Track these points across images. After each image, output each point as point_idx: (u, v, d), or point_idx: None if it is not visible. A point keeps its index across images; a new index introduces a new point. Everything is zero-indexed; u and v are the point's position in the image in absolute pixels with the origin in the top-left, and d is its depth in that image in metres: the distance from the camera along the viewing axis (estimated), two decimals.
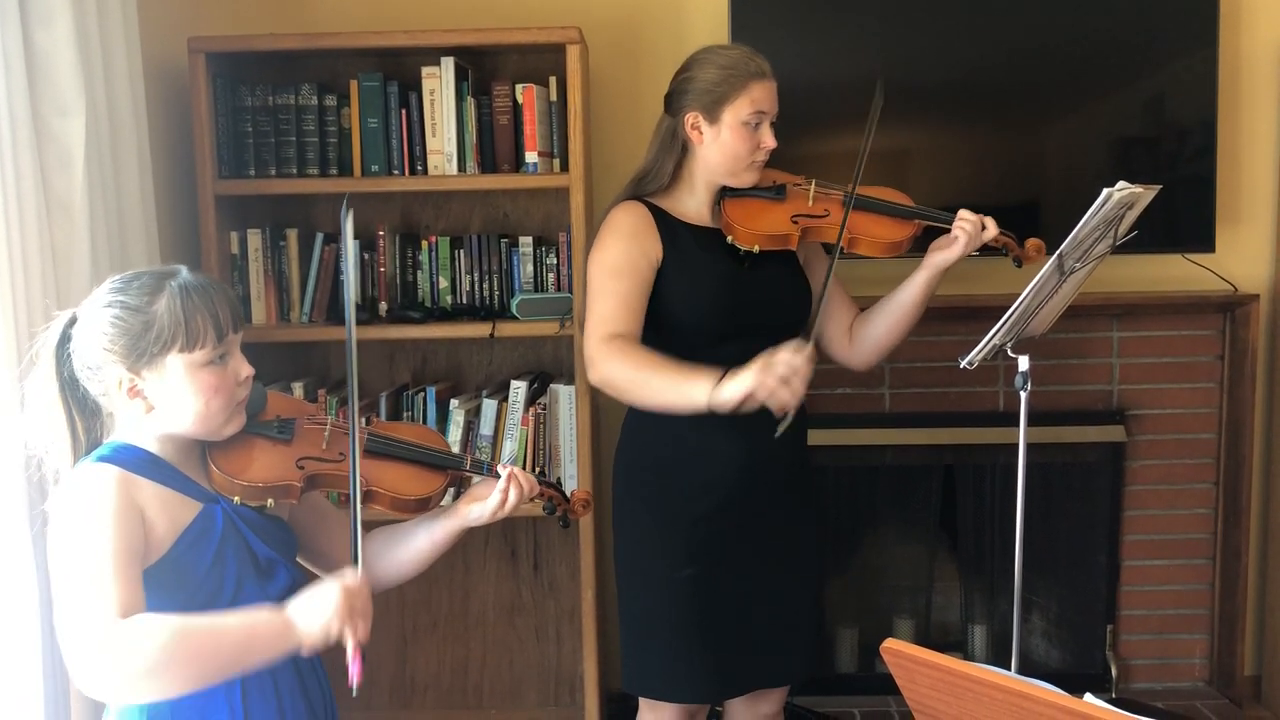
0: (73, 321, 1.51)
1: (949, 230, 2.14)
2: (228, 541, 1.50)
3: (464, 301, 2.92)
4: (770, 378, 1.82)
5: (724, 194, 2.15)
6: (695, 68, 2.11)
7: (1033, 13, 2.95)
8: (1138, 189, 2.07)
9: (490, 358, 3.09)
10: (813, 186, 2.18)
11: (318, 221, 3.00)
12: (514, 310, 2.82)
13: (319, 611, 1.42)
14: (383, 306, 2.88)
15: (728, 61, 2.09)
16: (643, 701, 2.22)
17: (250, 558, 1.53)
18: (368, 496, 1.61)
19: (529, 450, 2.82)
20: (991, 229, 2.13)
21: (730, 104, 2.07)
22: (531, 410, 2.82)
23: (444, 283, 2.92)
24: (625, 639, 2.21)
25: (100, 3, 2.24)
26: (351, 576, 1.47)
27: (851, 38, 2.98)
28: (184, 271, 1.51)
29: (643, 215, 2.11)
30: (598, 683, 2.89)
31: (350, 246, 1.56)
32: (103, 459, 1.46)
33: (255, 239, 2.85)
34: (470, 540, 1.97)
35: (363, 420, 1.63)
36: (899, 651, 1.26)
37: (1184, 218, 2.98)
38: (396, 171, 2.80)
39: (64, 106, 2.12)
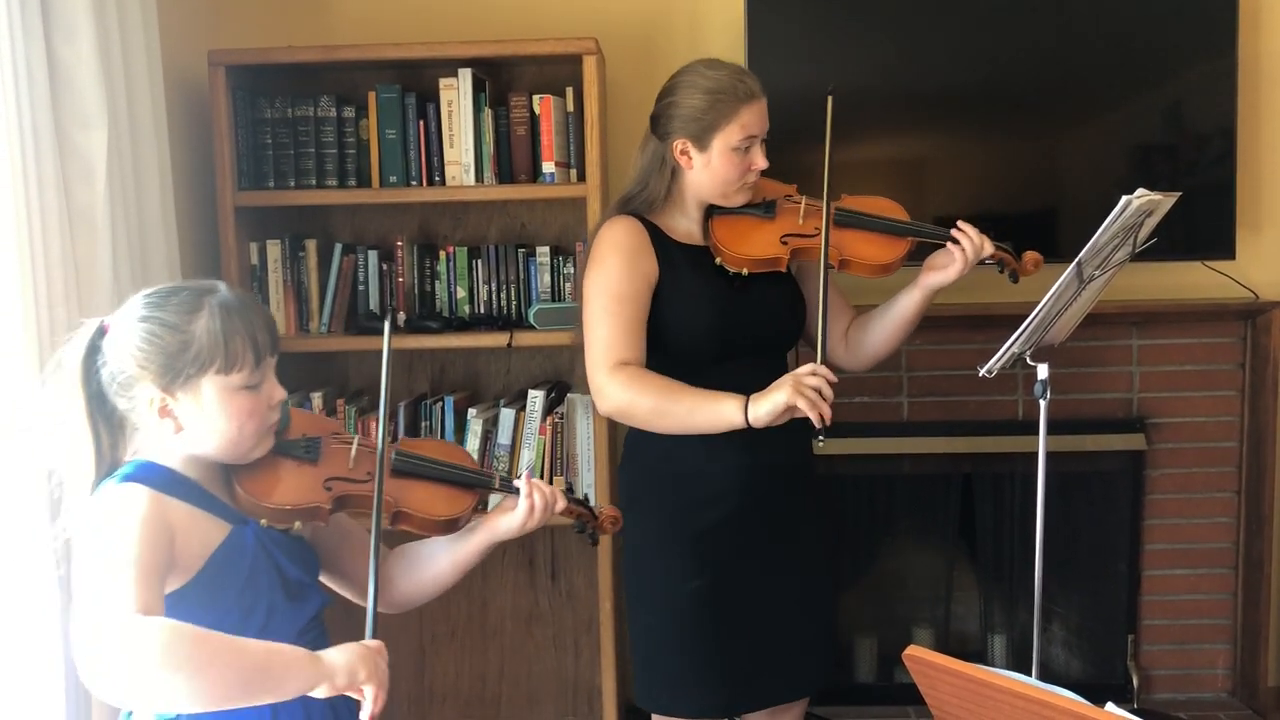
0: (100, 333, 1.46)
1: (943, 245, 2.09)
2: (259, 563, 1.47)
3: (481, 311, 2.93)
4: (806, 390, 1.85)
5: (712, 212, 2.10)
6: (679, 92, 2.03)
7: (1050, 19, 2.95)
8: (1157, 196, 2.06)
9: (508, 367, 3.10)
10: (803, 202, 2.11)
11: (336, 232, 3.02)
12: (531, 320, 2.83)
13: (349, 655, 1.39)
14: (401, 316, 2.89)
15: (714, 85, 2.00)
16: (654, 717, 2.21)
17: (281, 580, 1.50)
18: (397, 517, 1.59)
19: (546, 460, 2.82)
20: (987, 245, 2.07)
21: (720, 131, 2.00)
22: (549, 419, 2.82)
23: (462, 293, 2.93)
24: (635, 653, 2.20)
25: (122, 17, 2.26)
26: (375, 644, 1.44)
27: (869, 46, 2.98)
28: (222, 288, 1.48)
29: (639, 232, 2.06)
30: (615, 693, 2.88)
31: (386, 350, 1.60)
32: (128, 478, 1.42)
33: (274, 250, 2.86)
34: None
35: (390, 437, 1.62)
36: (921, 659, 1.26)
37: (1204, 225, 2.97)
38: (414, 182, 2.82)
39: (86, 119, 2.14)
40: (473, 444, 2.82)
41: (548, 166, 2.80)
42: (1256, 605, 3.09)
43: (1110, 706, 1.21)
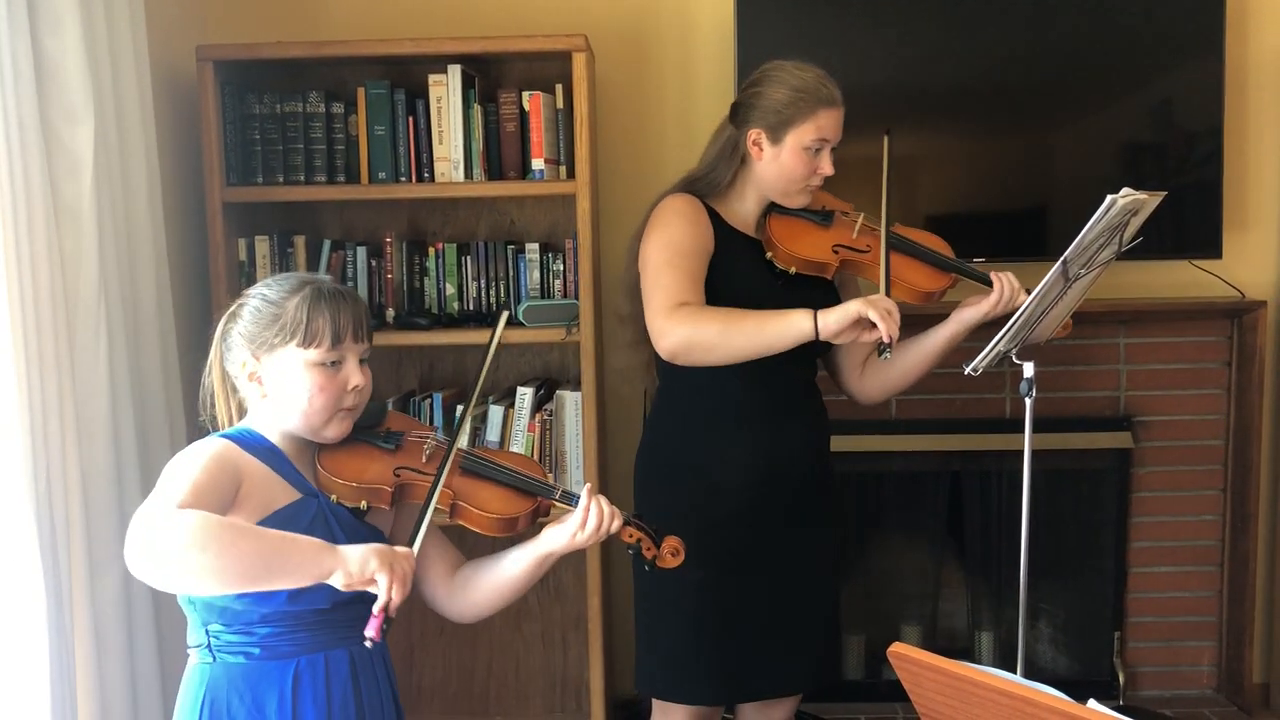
0: (232, 316, 1.67)
1: (983, 286, 2.13)
2: (316, 531, 1.58)
3: (470, 308, 2.92)
4: (877, 307, 1.89)
5: (771, 209, 2.16)
6: (766, 84, 2.10)
7: (1040, 18, 2.96)
8: (1142, 195, 2.07)
9: (497, 364, 3.09)
10: (860, 219, 2.17)
11: (325, 228, 3.01)
12: (520, 317, 2.83)
13: (364, 548, 1.48)
14: (390, 313, 2.89)
15: (800, 84, 2.08)
16: (655, 704, 2.23)
17: None
18: (455, 509, 1.68)
19: (535, 456, 2.82)
20: (1021, 295, 2.12)
21: (795, 128, 2.07)
22: (538, 416, 2.82)
23: (450, 289, 2.93)
24: (638, 640, 2.23)
25: (109, 11, 2.25)
26: (401, 549, 1.54)
27: (859, 45, 2.98)
28: (326, 280, 1.67)
29: (700, 208, 2.13)
30: (604, 689, 2.89)
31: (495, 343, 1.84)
32: (223, 435, 1.63)
33: (263, 246, 2.86)
34: (477, 544, 1.98)
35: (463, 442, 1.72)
36: (906, 656, 1.26)
37: (1191, 224, 2.98)
38: (403, 179, 2.81)
39: (73, 114, 2.13)
40: (461, 441, 2.81)
41: (537, 163, 2.80)
42: (1241, 602, 3.11)
43: (1092, 703, 1.22)
